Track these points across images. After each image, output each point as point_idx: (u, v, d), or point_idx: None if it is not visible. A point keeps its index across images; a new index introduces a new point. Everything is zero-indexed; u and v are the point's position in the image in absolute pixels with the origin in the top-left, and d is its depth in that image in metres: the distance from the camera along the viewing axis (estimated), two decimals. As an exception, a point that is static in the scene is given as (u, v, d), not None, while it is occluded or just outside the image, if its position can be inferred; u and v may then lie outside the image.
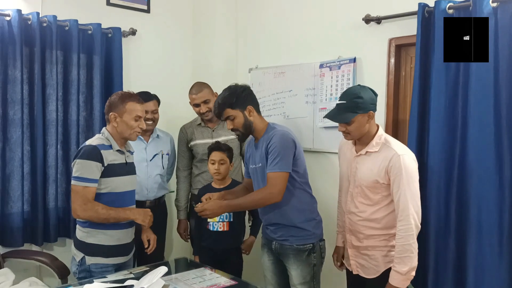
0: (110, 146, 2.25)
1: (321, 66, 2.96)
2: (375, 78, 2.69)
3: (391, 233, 2.10)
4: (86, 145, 2.23)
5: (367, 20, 2.69)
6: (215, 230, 2.73)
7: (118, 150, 2.28)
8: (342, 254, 2.39)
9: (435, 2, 2.31)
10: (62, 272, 2.65)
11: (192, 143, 3.03)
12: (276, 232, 2.38)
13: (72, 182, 2.19)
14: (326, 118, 2.20)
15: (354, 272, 2.26)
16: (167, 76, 3.50)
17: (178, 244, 3.48)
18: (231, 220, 2.74)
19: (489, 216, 2.17)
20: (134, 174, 2.40)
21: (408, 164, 2.02)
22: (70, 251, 2.33)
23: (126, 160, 2.32)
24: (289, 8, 3.21)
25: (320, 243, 2.38)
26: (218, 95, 2.40)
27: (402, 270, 2.00)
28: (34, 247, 2.90)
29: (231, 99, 2.31)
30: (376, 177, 2.08)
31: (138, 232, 2.42)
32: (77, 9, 3.03)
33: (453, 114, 2.31)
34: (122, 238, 2.28)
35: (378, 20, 2.65)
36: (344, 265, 2.39)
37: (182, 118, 3.23)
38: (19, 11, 2.70)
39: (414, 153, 2.15)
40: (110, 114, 2.26)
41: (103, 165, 2.19)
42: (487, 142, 2.16)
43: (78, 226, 2.28)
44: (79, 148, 2.28)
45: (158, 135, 3.06)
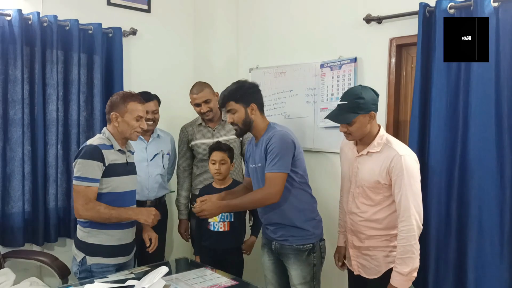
0: (111, 146, 2.25)
1: (321, 66, 2.96)
2: (376, 78, 2.68)
3: (393, 233, 2.10)
4: (87, 144, 2.23)
5: (368, 19, 2.69)
6: (216, 230, 2.73)
7: (119, 150, 2.28)
8: (344, 254, 2.39)
9: (436, 2, 2.31)
10: (63, 272, 2.65)
11: (192, 143, 3.03)
12: (276, 232, 2.38)
13: (73, 182, 2.19)
14: (327, 118, 2.20)
15: (355, 272, 2.26)
16: (168, 76, 3.50)
17: (178, 244, 3.48)
18: (232, 220, 2.74)
19: (490, 216, 2.17)
20: (134, 174, 2.40)
21: (409, 164, 2.02)
22: (71, 251, 2.33)
23: (127, 160, 2.32)
24: (289, 8, 3.21)
25: (320, 243, 2.37)
26: (226, 87, 2.41)
27: (403, 271, 1.99)
28: (35, 247, 2.90)
29: (236, 93, 2.32)
30: (377, 177, 2.08)
31: (139, 232, 2.42)
32: (77, 9, 3.03)
33: (454, 114, 2.31)
34: (123, 238, 2.28)
35: (379, 19, 2.65)
36: (345, 265, 2.39)
37: (183, 118, 3.23)
38: (20, 11, 2.70)
39: (415, 153, 2.14)
40: (112, 114, 2.26)
41: (104, 164, 2.19)
42: (488, 142, 2.16)
43: (78, 226, 2.28)
44: (80, 148, 2.28)
45: (158, 135, 3.06)
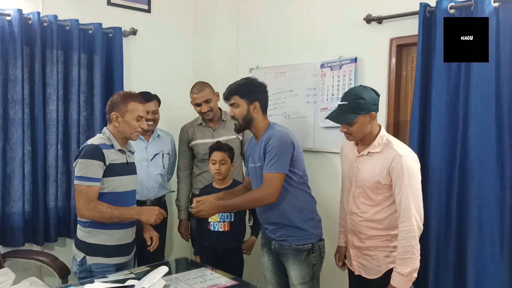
0: (112, 146, 2.25)
1: (322, 66, 2.96)
2: (376, 78, 2.68)
3: (393, 233, 2.09)
4: (88, 144, 2.22)
5: (368, 19, 2.69)
6: (216, 230, 2.73)
7: (119, 150, 2.28)
8: (344, 254, 2.39)
9: (437, 2, 2.31)
10: (63, 272, 2.65)
11: (193, 143, 3.03)
12: (275, 232, 2.38)
13: (75, 182, 2.19)
14: (328, 119, 2.20)
15: (356, 272, 2.25)
16: (168, 75, 3.50)
17: (178, 244, 3.48)
18: (232, 220, 2.73)
19: (490, 216, 2.17)
20: (135, 174, 2.40)
21: (410, 164, 2.02)
22: (71, 251, 2.33)
23: (127, 159, 2.32)
24: (290, 7, 3.21)
25: (319, 243, 2.37)
26: (235, 81, 2.42)
27: (404, 271, 1.99)
28: (35, 247, 2.90)
29: (243, 89, 2.34)
30: (378, 177, 2.08)
31: (139, 231, 2.42)
32: (78, 8, 3.03)
33: (454, 114, 2.31)
34: (123, 238, 2.28)
35: (379, 19, 2.65)
36: (346, 265, 2.39)
37: (183, 118, 3.23)
38: (20, 11, 2.69)
39: (415, 153, 2.14)
40: (112, 113, 2.26)
41: (105, 164, 2.19)
42: (489, 142, 2.16)
43: (79, 226, 2.28)
44: (81, 147, 2.27)
45: (158, 135, 3.06)
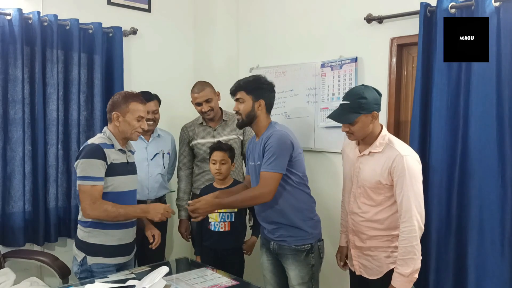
0: (112, 146, 2.25)
1: (322, 65, 2.96)
2: (377, 77, 2.68)
3: (394, 234, 2.09)
4: (89, 144, 2.22)
5: (369, 19, 2.68)
6: (217, 230, 2.73)
7: (119, 150, 2.27)
8: (346, 254, 2.39)
9: (437, 2, 2.30)
10: (63, 272, 2.64)
11: (193, 143, 3.03)
12: (274, 232, 2.38)
13: (78, 183, 2.18)
14: (329, 118, 2.19)
15: (356, 272, 2.25)
16: (168, 75, 3.50)
17: (178, 244, 3.48)
18: (233, 220, 2.73)
19: (491, 216, 2.17)
20: (135, 173, 2.39)
21: (411, 165, 2.01)
22: (71, 251, 2.33)
23: (127, 159, 2.32)
24: (290, 7, 3.21)
25: (318, 243, 2.37)
26: (243, 77, 2.44)
27: (405, 272, 1.98)
28: (35, 247, 2.90)
29: (250, 85, 2.35)
30: (379, 177, 2.07)
31: (139, 231, 2.41)
32: (78, 8, 3.03)
33: (455, 113, 2.31)
34: (124, 238, 2.28)
35: (380, 19, 2.65)
36: (347, 265, 2.39)
37: (183, 118, 3.23)
38: (20, 10, 2.69)
39: (416, 152, 2.13)
40: (113, 113, 2.26)
41: (107, 163, 2.18)
42: (489, 142, 2.16)
43: (79, 226, 2.28)
44: (81, 147, 2.26)
45: (159, 134, 3.06)
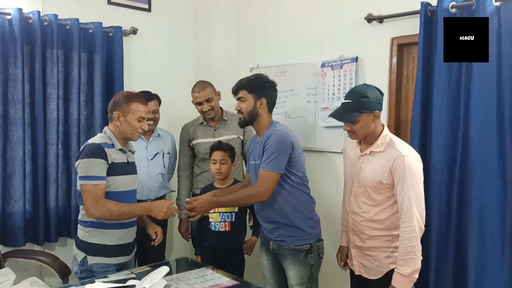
0: (112, 145, 2.25)
1: (322, 65, 2.95)
2: (377, 77, 2.68)
3: (395, 234, 2.08)
4: (89, 143, 2.22)
5: (369, 19, 2.68)
6: (217, 230, 2.73)
7: (120, 149, 2.27)
8: (346, 254, 2.39)
9: (438, 1, 2.30)
10: (63, 272, 2.64)
11: (193, 142, 3.03)
12: (273, 232, 2.38)
13: (80, 183, 2.17)
14: (331, 117, 2.19)
15: (356, 272, 2.25)
16: (168, 75, 3.50)
17: (179, 243, 3.47)
18: (233, 220, 2.73)
19: (491, 216, 2.16)
20: (135, 173, 2.39)
21: (412, 164, 2.00)
22: (71, 251, 2.32)
23: (127, 159, 2.32)
24: (290, 7, 3.20)
25: (318, 243, 2.37)
26: (246, 76, 2.44)
27: (405, 272, 1.98)
28: (35, 247, 2.90)
29: (252, 84, 2.35)
30: (379, 177, 2.07)
31: (139, 231, 2.41)
32: (78, 8, 3.03)
33: (455, 113, 2.30)
34: (124, 238, 2.27)
35: (380, 19, 2.65)
36: (348, 265, 2.38)
37: (184, 117, 3.23)
38: (20, 10, 2.69)
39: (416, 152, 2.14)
40: (114, 113, 2.26)
41: (108, 162, 2.18)
42: (490, 142, 2.16)
43: (79, 225, 2.27)
44: (82, 147, 2.26)
45: (159, 134, 3.06)
